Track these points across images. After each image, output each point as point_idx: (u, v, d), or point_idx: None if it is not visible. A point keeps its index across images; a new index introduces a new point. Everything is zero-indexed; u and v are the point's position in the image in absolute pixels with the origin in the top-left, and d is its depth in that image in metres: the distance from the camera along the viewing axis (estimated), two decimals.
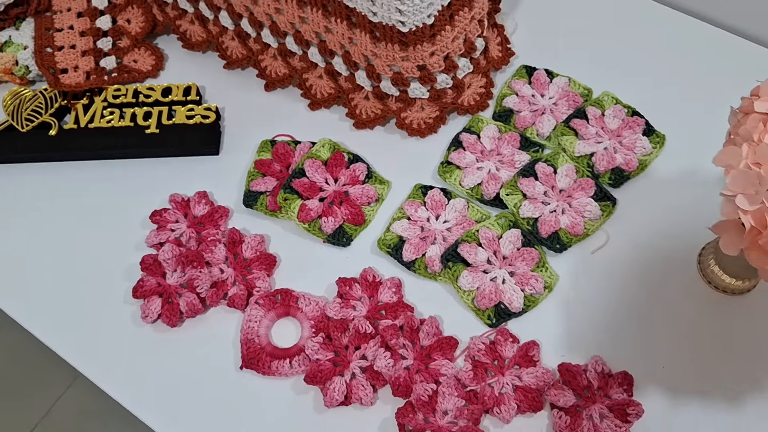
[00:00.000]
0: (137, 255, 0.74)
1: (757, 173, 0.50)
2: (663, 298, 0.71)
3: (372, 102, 0.80)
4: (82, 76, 0.83)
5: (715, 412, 0.65)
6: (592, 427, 0.63)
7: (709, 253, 0.71)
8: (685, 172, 0.77)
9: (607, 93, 0.81)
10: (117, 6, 0.87)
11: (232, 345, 0.70)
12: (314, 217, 0.74)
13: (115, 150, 0.81)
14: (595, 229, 0.74)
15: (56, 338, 0.72)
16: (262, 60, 0.83)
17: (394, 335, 0.67)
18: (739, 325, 0.69)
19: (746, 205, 0.51)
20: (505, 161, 0.77)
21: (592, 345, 0.68)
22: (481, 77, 0.81)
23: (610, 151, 0.77)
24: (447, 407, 0.64)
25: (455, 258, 0.71)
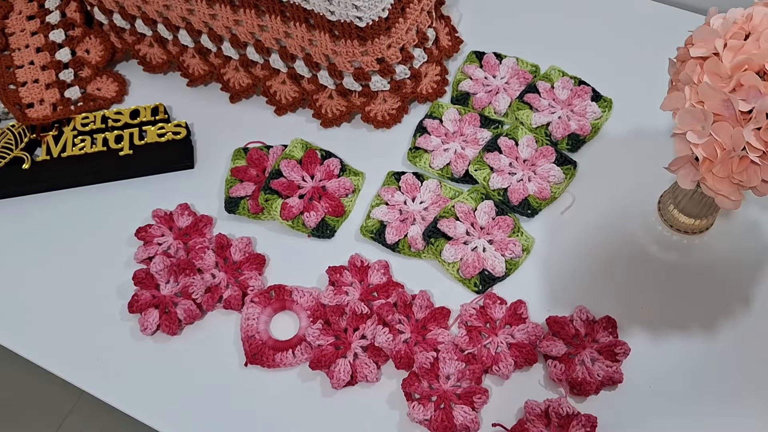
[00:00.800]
0: (128, 272, 0.75)
1: (702, 110, 0.56)
2: (631, 246, 0.76)
3: (336, 100, 0.83)
4: (48, 108, 0.84)
5: (693, 341, 0.70)
6: (586, 371, 0.68)
7: (668, 198, 0.76)
8: (634, 130, 0.83)
9: (553, 67, 0.87)
10: (74, 38, 0.89)
11: (233, 345, 0.72)
12: (296, 213, 0.77)
13: (91, 175, 0.82)
14: (561, 192, 0.79)
15: (60, 365, 0.72)
16: (225, 73, 0.86)
17: (389, 312, 0.70)
18: (703, 260, 0.74)
19: (696, 140, 0.57)
20: (469, 140, 0.82)
21: (575, 296, 0.73)
22: (435, 66, 0.85)
23: (564, 119, 0.82)
24: (449, 371, 0.68)
25: (436, 234, 0.75)
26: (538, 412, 0.66)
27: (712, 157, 0.56)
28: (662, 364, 0.69)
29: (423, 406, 0.66)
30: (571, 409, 0.64)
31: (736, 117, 0.54)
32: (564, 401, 0.65)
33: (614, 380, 0.67)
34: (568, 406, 0.65)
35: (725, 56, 0.56)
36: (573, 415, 0.65)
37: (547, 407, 0.65)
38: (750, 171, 0.55)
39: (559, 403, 0.65)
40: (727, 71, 0.55)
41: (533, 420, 0.65)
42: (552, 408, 0.65)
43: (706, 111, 0.55)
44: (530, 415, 0.66)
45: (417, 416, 0.65)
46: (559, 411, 0.65)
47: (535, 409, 0.66)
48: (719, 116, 0.55)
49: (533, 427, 0.65)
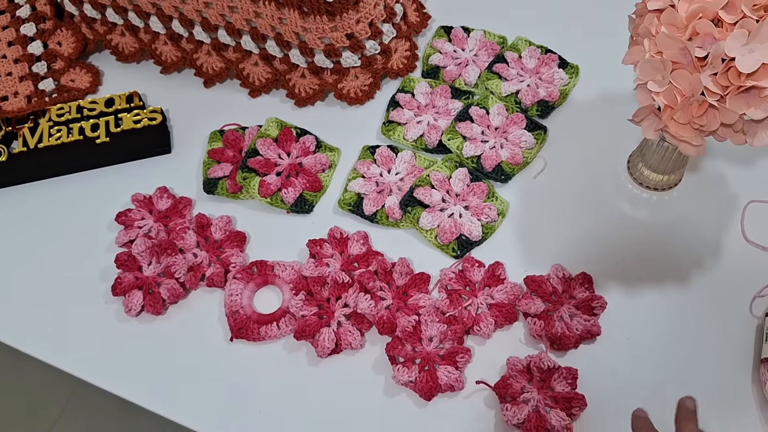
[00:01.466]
0: (110, 257, 0.76)
1: (661, 59, 0.58)
2: (603, 205, 0.78)
3: (309, 79, 0.85)
4: (23, 101, 0.85)
5: (667, 293, 0.72)
6: (565, 326, 0.69)
7: (636, 157, 0.78)
8: (601, 95, 0.85)
9: (520, 38, 0.89)
10: (46, 31, 0.89)
11: (218, 321, 0.73)
12: (274, 190, 0.78)
13: (69, 165, 0.83)
14: (532, 157, 0.81)
15: (48, 351, 0.72)
16: (197, 58, 0.87)
17: (370, 279, 0.71)
18: (673, 215, 0.76)
19: (657, 89, 0.58)
20: (441, 111, 0.83)
21: (550, 256, 0.74)
22: (405, 41, 0.87)
23: (533, 86, 0.84)
24: (431, 333, 0.69)
25: (413, 202, 0.76)
26: (520, 367, 0.67)
27: (673, 104, 0.58)
28: (638, 316, 0.71)
29: (407, 369, 0.67)
30: (552, 363, 0.66)
31: (694, 64, 0.56)
32: (545, 356, 0.67)
33: (592, 333, 0.69)
34: (549, 361, 0.66)
35: (680, 6, 0.57)
36: (554, 369, 0.66)
37: (529, 362, 0.67)
38: (709, 115, 0.57)
39: (540, 358, 0.66)
40: (683, 21, 0.57)
41: (516, 375, 0.67)
42: (533, 363, 0.66)
43: (665, 60, 0.57)
44: (512, 371, 0.67)
45: (402, 378, 0.67)
46: (540, 365, 0.66)
47: (517, 365, 0.67)
48: (677, 64, 0.57)
49: (516, 383, 0.66)
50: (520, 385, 0.66)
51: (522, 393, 0.66)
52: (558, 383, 0.66)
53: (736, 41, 0.54)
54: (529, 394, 0.65)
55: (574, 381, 0.66)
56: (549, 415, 0.64)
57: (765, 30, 0.53)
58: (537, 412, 0.65)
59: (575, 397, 0.65)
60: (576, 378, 0.66)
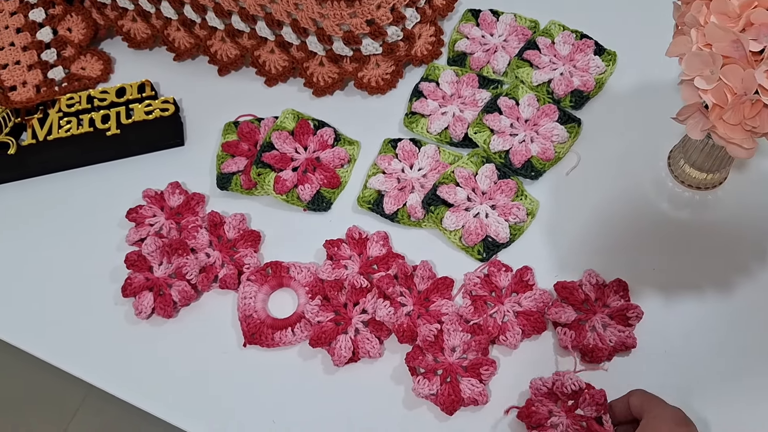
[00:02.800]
0: (120, 255, 0.73)
1: (710, 53, 0.52)
2: (641, 205, 0.73)
3: (327, 67, 0.80)
4: (32, 90, 0.82)
5: (708, 301, 0.67)
6: (597, 337, 0.65)
7: (678, 153, 0.73)
8: (640, 84, 0.80)
9: (553, 21, 0.83)
10: (55, 17, 0.86)
11: (231, 325, 0.70)
12: (290, 186, 0.74)
13: (79, 157, 0.80)
14: (565, 152, 0.76)
15: (56, 354, 0.70)
16: (211, 45, 0.83)
17: (390, 284, 0.67)
18: (717, 216, 0.71)
19: (705, 85, 0.53)
20: (467, 102, 0.78)
21: (583, 260, 0.70)
22: (429, 26, 0.82)
23: (566, 75, 0.79)
24: (454, 343, 0.65)
25: (436, 201, 0.72)
26: (544, 390, 0.63)
27: (723, 103, 0.53)
28: (677, 327, 0.66)
29: (428, 381, 0.63)
30: (577, 384, 0.61)
31: (747, 58, 0.51)
32: (570, 376, 0.61)
33: (627, 345, 0.65)
34: (574, 382, 0.61)
35: None
36: (581, 390, 0.61)
37: (554, 383, 0.62)
38: (763, 116, 0.51)
39: (563, 382, 0.61)
40: (735, 10, 0.51)
41: (541, 400, 0.62)
42: (557, 387, 0.62)
43: (715, 54, 0.52)
44: (537, 395, 0.63)
45: (422, 391, 0.63)
46: (563, 390, 0.61)
47: (541, 388, 0.63)
48: (728, 59, 0.52)
49: (542, 407, 0.62)
50: (547, 408, 0.62)
51: (550, 417, 0.61)
52: (585, 407, 0.61)
53: None
54: (557, 419, 0.61)
55: (602, 408, 0.61)
56: None
57: None
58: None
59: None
60: (605, 401, 0.61)
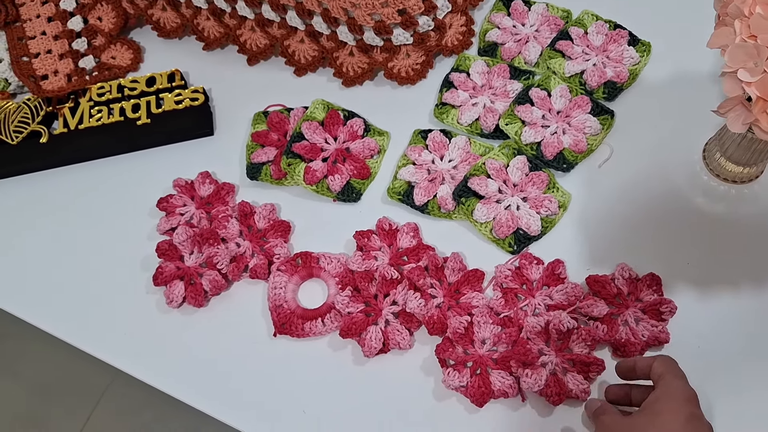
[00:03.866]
0: (151, 244, 0.74)
1: (755, 44, 0.51)
2: (675, 198, 0.72)
3: (357, 57, 0.80)
4: (63, 79, 0.82)
5: (744, 298, 0.66)
6: (630, 331, 0.64)
7: (713, 146, 0.72)
8: (675, 76, 0.78)
9: (586, 11, 0.82)
10: (86, 5, 0.86)
11: (261, 315, 0.70)
12: (320, 177, 0.74)
13: (109, 146, 0.80)
14: (598, 144, 0.75)
15: (88, 341, 0.71)
16: (241, 34, 0.83)
17: (420, 276, 0.67)
18: (753, 210, 0.70)
19: (749, 78, 0.52)
20: (498, 93, 0.78)
21: (615, 254, 0.69)
22: (460, 16, 0.81)
23: (600, 66, 0.78)
24: (484, 336, 0.65)
25: (467, 193, 0.72)
26: (538, 329, 0.64)
27: (767, 96, 0.51)
28: (711, 322, 0.65)
29: (458, 372, 0.63)
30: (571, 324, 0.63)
31: None
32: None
33: (660, 340, 0.64)
34: (567, 321, 0.63)
35: None
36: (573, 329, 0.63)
37: (547, 323, 0.64)
38: None
39: (560, 319, 0.63)
40: None
41: (533, 338, 0.64)
42: (553, 325, 0.64)
43: (760, 45, 0.51)
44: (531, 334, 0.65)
45: (452, 383, 0.63)
46: (560, 327, 0.63)
47: (536, 327, 0.64)
48: None
49: (534, 345, 0.64)
50: (538, 347, 0.64)
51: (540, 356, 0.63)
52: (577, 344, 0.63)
53: None
54: (547, 357, 0.63)
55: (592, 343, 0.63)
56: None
57: None
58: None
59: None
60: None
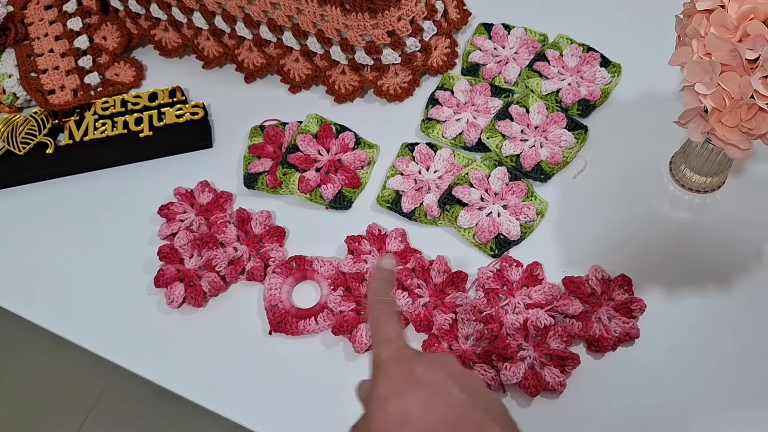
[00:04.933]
0: (153, 249, 0.77)
1: (709, 61, 0.57)
2: (644, 206, 0.77)
3: (349, 75, 0.85)
4: (69, 94, 0.87)
5: (708, 297, 0.71)
6: (603, 328, 0.69)
7: (679, 158, 0.77)
8: (643, 94, 0.84)
9: (561, 35, 0.88)
10: (92, 25, 0.91)
11: (258, 315, 0.74)
12: (314, 186, 0.79)
13: (113, 157, 0.84)
14: (572, 156, 0.80)
15: (92, 340, 0.74)
16: (239, 54, 0.88)
17: (408, 276, 0.72)
18: (716, 218, 0.75)
19: (705, 91, 0.58)
20: (480, 109, 0.83)
21: (589, 257, 0.74)
22: (445, 38, 0.87)
23: (574, 85, 0.83)
24: (468, 332, 0.69)
25: (451, 201, 0.76)
26: (517, 326, 0.69)
27: (721, 107, 0.57)
28: (678, 320, 0.70)
29: None
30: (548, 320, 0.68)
31: (744, 66, 0.56)
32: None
33: (631, 336, 0.68)
34: (545, 318, 0.68)
35: (731, 7, 0.57)
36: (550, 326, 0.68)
37: (526, 320, 0.68)
38: (758, 118, 0.56)
39: (537, 317, 0.68)
40: (733, 22, 0.56)
41: (513, 334, 0.69)
42: (531, 322, 0.68)
43: (714, 62, 0.57)
44: (510, 330, 0.69)
45: None
46: (536, 324, 0.68)
47: (515, 323, 0.69)
48: (726, 66, 0.56)
49: (513, 342, 0.68)
50: (517, 342, 0.68)
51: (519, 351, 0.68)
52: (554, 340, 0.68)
53: None
54: (525, 352, 0.68)
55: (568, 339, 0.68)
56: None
57: None
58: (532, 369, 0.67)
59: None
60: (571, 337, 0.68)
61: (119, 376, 1.48)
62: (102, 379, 1.49)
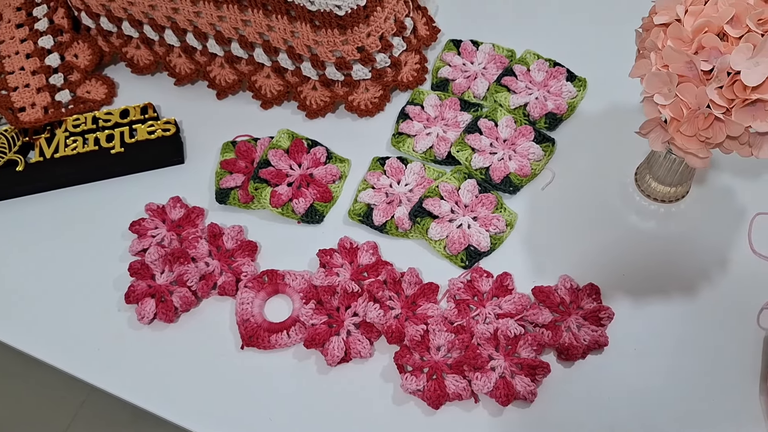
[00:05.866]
0: (123, 266, 0.77)
1: (667, 73, 0.59)
2: (611, 217, 0.78)
3: (320, 91, 0.86)
4: (40, 111, 0.87)
5: (674, 304, 0.72)
6: (572, 336, 0.70)
7: (644, 169, 0.79)
8: (609, 108, 0.86)
9: (528, 51, 0.90)
10: (63, 44, 0.91)
11: (229, 329, 0.74)
12: (285, 200, 0.79)
13: (84, 174, 0.84)
14: (540, 169, 0.82)
15: (63, 358, 0.73)
16: (211, 70, 0.89)
17: (379, 289, 0.72)
18: (680, 227, 0.77)
19: (663, 101, 0.59)
20: (450, 123, 0.84)
21: (558, 267, 0.75)
22: (414, 54, 0.88)
23: (541, 99, 0.85)
24: (439, 342, 0.70)
25: (422, 213, 0.77)
26: (487, 336, 0.69)
27: (679, 117, 0.59)
28: (645, 327, 0.71)
29: (415, 377, 0.68)
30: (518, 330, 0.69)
31: (699, 77, 0.57)
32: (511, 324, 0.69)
33: (600, 344, 0.69)
34: (515, 327, 0.69)
35: (686, 21, 0.58)
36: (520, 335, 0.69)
37: (496, 329, 0.69)
38: (715, 128, 0.58)
39: (507, 326, 0.69)
40: (688, 35, 0.58)
41: (483, 344, 0.69)
42: (501, 331, 0.69)
43: (671, 73, 0.58)
44: (480, 340, 0.70)
45: (410, 387, 0.67)
46: (506, 333, 0.69)
47: (485, 333, 0.69)
48: (683, 77, 0.58)
49: (484, 351, 0.69)
50: (488, 352, 0.69)
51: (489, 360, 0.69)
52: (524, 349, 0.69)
53: (741, 55, 0.55)
54: (496, 362, 0.68)
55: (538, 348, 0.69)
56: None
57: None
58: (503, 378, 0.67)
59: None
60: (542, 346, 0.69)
61: (96, 395, 1.46)
62: (77, 398, 1.47)
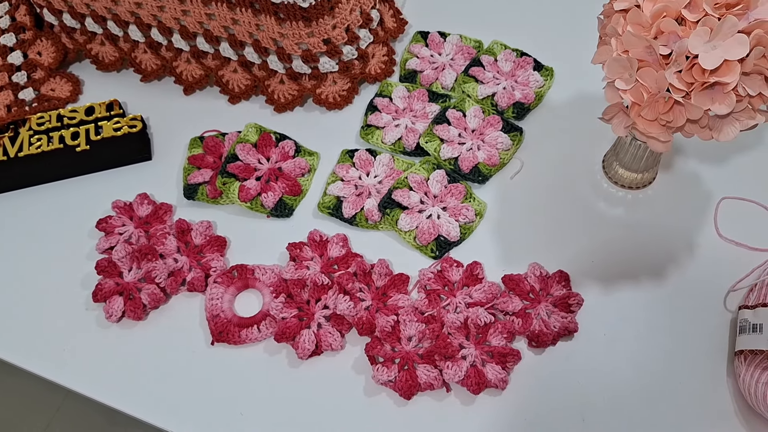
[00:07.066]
0: (90, 264, 0.77)
1: (627, 58, 0.59)
2: (579, 204, 0.79)
3: (287, 85, 0.85)
4: (2, 110, 0.85)
5: (643, 289, 0.73)
6: (543, 323, 0.70)
7: (611, 157, 0.79)
8: (575, 96, 0.87)
9: (495, 41, 0.90)
10: (26, 41, 0.90)
11: (200, 325, 0.73)
12: (254, 195, 0.79)
13: (49, 173, 0.83)
14: (509, 158, 0.82)
15: (30, 359, 0.72)
16: (177, 66, 0.88)
17: (349, 280, 0.72)
18: (648, 213, 0.77)
19: (624, 86, 0.60)
20: (419, 115, 0.84)
21: (527, 255, 0.75)
22: (382, 47, 0.88)
23: (509, 89, 0.85)
24: (410, 333, 0.70)
25: (391, 204, 0.77)
26: (457, 324, 0.70)
27: (640, 101, 0.59)
28: (615, 312, 0.72)
29: (387, 368, 0.68)
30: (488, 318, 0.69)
31: (659, 62, 0.58)
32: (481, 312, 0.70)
33: (570, 330, 0.70)
34: (485, 316, 0.69)
35: (645, 6, 0.59)
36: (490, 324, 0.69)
37: (466, 318, 0.70)
38: (675, 111, 0.58)
39: (477, 314, 0.70)
40: (647, 20, 0.58)
41: (453, 333, 0.70)
42: (471, 320, 0.69)
43: (631, 58, 0.59)
44: (450, 329, 0.70)
45: (381, 378, 0.67)
46: (476, 321, 0.69)
47: (455, 322, 0.70)
48: (643, 62, 0.58)
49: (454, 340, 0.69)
50: (458, 341, 0.69)
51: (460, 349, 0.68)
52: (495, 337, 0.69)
53: (699, 39, 0.55)
54: (467, 350, 0.68)
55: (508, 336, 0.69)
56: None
57: (726, 27, 0.54)
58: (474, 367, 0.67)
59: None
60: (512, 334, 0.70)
61: (71, 400, 1.45)
62: (56, 396, 1.45)
